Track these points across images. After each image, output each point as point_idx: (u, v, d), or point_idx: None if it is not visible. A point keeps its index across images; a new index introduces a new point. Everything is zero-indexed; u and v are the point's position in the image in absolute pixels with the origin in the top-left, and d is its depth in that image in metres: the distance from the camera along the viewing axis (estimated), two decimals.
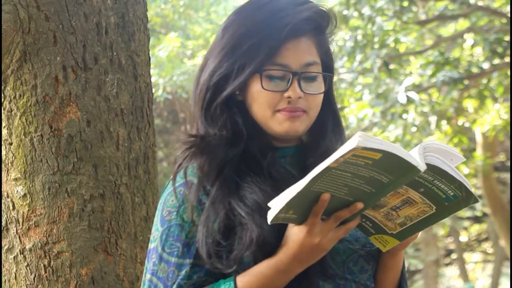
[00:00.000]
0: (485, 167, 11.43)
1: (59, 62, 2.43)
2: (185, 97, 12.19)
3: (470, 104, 11.10)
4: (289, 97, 1.72)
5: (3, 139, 2.46)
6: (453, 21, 10.70)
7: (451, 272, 21.78)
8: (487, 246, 20.19)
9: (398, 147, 1.49)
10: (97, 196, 2.42)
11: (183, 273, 1.67)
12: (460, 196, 1.60)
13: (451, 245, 19.94)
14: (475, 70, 9.53)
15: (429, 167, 1.54)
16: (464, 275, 18.39)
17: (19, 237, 2.42)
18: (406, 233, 1.67)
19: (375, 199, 1.58)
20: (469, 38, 9.83)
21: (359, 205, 1.58)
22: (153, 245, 1.72)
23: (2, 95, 2.46)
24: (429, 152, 1.55)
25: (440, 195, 1.60)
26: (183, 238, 1.68)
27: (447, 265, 20.64)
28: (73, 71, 2.44)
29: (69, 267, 2.39)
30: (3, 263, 2.45)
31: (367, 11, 9.20)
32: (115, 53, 2.50)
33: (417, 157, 1.51)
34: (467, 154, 11.34)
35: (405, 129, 9.68)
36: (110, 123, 2.47)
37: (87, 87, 2.45)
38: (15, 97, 2.44)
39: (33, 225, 2.41)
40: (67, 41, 2.44)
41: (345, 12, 9.28)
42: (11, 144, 2.44)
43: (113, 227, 2.44)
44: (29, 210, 2.41)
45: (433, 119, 9.66)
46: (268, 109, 1.73)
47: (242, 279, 1.63)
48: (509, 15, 8.95)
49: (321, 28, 1.79)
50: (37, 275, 2.40)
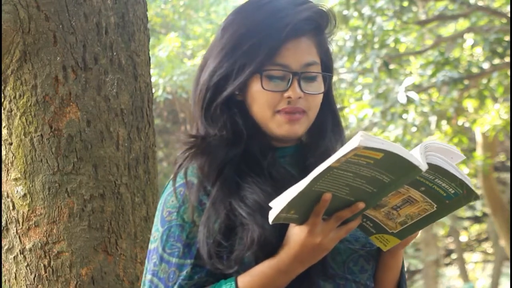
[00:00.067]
0: (485, 167, 11.43)
1: (59, 62, 2.43)
2: (185, 97, 12.18)
3: (470, 104, 11.10)
4: (289, 97, 1.72)
5: (3, 139, 2.46)
6: (453, 21, 10.70)
7: (451, 272, 21.78)
8: (487, 246, 20.18)
9: (399, 146, 1.49)
10: (97, 196, 2.42)
11: (184, 273, 1.67)
12: (461, 193, 1.60)
13: (451, 245, 19.94)
14: (475, 70, 9.53)
15: (430, 166, 1.54)
16: (464, 275, 18.39)
17: (19, 237, 2.42)
18: (406, 231, 1.67)
19: (377, 199, 1.58)
20: (469, 38, 9.82)
21: (361, 205, 1.58)
22: (153, 245, 1.72)
23: (2, 95, 2.46)
24: (430, 151, 1.55)
25: (441, 193, 1.60)
26: (184, 238, 1.68)
27: (447, 265, 20.63)
28: (73, 71, 2.44)
29: (69, 267, 2.38)
30: (3, 263, 2.45)
31: (367, 11, 9.20)
32: (115, 53, 2.50)
33: (418, 157, 1.51)
34: (467, 154, 11.33)
35: (405, 129, 9.67)
36: (110, 123, 2.47)
37: (87, 87, 2.45)
38: (15, 97, 2.44)
39: (33, 225, 2.41)
40: (67, 41, 2.44)
41: (345, 12, 9.28)
42: (11, 144, 2.44)
43: (113, 227, 2.44)
44: (29, 210, 2.41)
45: (433, 119, 9.66)
46: (268, 109, 1.73)
47: (243, 279, 1.63)
48: (509, 15, 8.95)
49: (321, 28, 1.78)
50: (37, 275, 2.40)
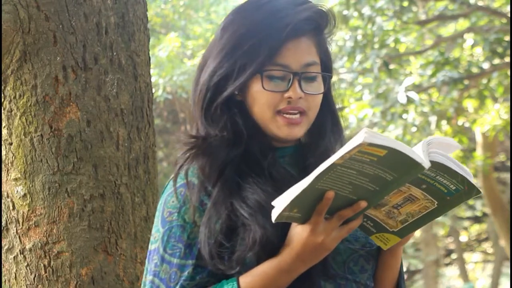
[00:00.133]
0: (485, 167, 11.43)
1: (59, 62, 2.43)
2: (185, 97, 12.18)
3: (470, 104, 11.10)
4: (289, 98, 1.71)
5: (3, 139, 2.46)
6: (453, 21, 10.70)
7: (451, 272, 21.77)
8: (487, 246, 20.18)
9: (403, 144, 1.49)
10: (97, 196, 2.42)
11: (185, 274, 1.66)
12: (462, 189, 1.60)
13: (451, 245, 19.93)
14: (475, 70, 9.53)
15: (432, 164, 1.54)
16: (464, 275, 18.38)
17: (19, 237, 2.42)
18: (407, 229, 1.67)
19: (379, 198, 1.58)
20: (469, 38, 9.82)
21: (363, 203, 1.58)
22: (154, 246, 1.72)
23: (2, 95, 2.46)
24: (432, 148, 1.56)
25: (442, 190, 1.60)
26: (185, 239, 1.68)
27: (447, 265, 20.63)
28: (73, 71, 2.44)
29: (69, 267, 2.38)
30: (3, 263, 2.45)
31: (367, 11, 9.20)
32: (115, 53, 2.50)
33: (421, 154, 1.52)
34: (467, 154, 11.33)
35: (405, 129, 9.67)
36: (110, 123, 2.47)
37: (87, 87, 2.45)
38: (15, 97, 2.44)
39: (33, 225, 2.41)
40: (67, 41, 2.44)
41: (345, 12, 9.28)
42: (11, 144, 2.44)
43: (113, 227, 2.44)
44: (29, 210, 2.41)
45: (433, 119, 9.66)
46: (268, 109, 1.73)
47: (245, 280, 1.63)
48: (509, 15, 8.95)
49: (321, 28, 1.78)
50: (37, 275, 2.40)
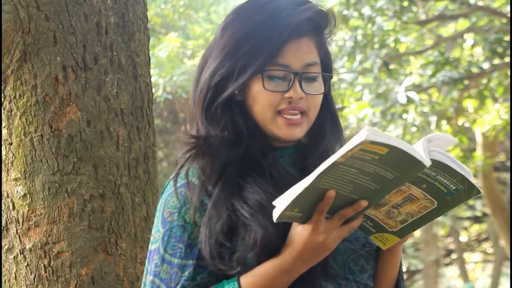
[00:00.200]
0: (485, 167, 11.43)
1: (59, 62, 2.43)
2: (185, 97, 12.18)
3: (470, 104, 11.10)
4: (290, 98, 1.71)
5: (3, 139, 2.46)
6: (453, 21, 10.70)
7: (451, 272, 21.77)
8: (487, 246, 20.18)
9: (404, 142, 1.49)
10: (97, 196, 2.42)
11: (186, 274, 1.66)
12: (462, 189, 1.60)
13: (451, 245, 19.94)
14: (475, 70, 9.52)
15: (432, 162, 1.54)
16: (464, 275, 18.38)
17: (19, 237, 2.42)
18: (406, 229, 1.67)
19: (379, 197, 1.58)
20: (469, 38, 9.82)
21: (364, 203, 1.57)
22: (154, 246, 1.71)
23: (2, 95, 2.46)
24: (432, 146, 1.55)
25: (442, 190, 1.60)
26: (186, 239, 1.68)
27: (447, 265, 20.63)
28: (73, 71, 2.44)
29: (69, 267, 2.38)
30: (3, 263, 2.45)
31: (367, 11, 9.20)
32: (115, 53, 2.50)
33: (421, 152, 1.51)
34: (467, 154, 11.33)
35: (405, 129, 9.67)
36: (110, 123, 2.47)
37: (87, 87, 2.45)
38: (15, 97, 2.44)
39: (33, 225, 2.41)
40: (67, 41, 2.44)
41: (345, 12, 9.28)
42: (11, 144, 2.44)
43: (113, 227, 2.44)
44: (29, 210, 2.41)
45: (433, 119, 9.66)
46: (269, 109, 1.73)
47: (245, 280, 1.63)
48: (509, 15, 8.95)
49: (321, 28, 1.78)
50: (37, 275, 2.39)
